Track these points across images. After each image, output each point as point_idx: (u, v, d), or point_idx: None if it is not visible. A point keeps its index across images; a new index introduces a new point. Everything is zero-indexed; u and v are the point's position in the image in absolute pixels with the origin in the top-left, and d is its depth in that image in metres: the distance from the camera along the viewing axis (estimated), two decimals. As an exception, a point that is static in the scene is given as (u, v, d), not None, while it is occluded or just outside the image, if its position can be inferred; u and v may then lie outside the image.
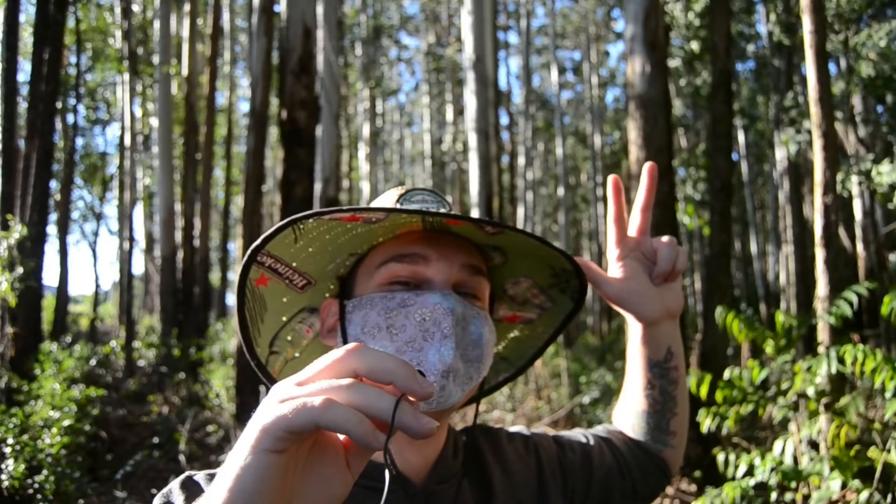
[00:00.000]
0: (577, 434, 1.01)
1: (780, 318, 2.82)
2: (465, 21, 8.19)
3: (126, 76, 11.88)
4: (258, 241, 0.76)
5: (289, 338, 0.89)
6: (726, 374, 2.81)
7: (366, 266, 0.82)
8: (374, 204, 0.83)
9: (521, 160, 18.08)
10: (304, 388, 0.46)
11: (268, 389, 0.55)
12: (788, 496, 2.83)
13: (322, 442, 0.49)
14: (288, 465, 0.45)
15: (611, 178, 0.90)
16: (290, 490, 0.47)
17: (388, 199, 0.84)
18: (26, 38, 10.79)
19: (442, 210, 0.80)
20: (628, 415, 0.99)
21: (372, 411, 0.44)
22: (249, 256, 0.77)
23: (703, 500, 2.49)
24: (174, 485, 0.68)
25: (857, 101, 9.42)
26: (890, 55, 7.11)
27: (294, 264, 0.81)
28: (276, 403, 0.45)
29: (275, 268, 0.80)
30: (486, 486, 0.86)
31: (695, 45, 9.78)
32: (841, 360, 2.30)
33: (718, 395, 2.75)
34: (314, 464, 0.48)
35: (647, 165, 0.90)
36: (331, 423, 0.43)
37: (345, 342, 0.79)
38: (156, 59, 12.07)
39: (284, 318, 0.87)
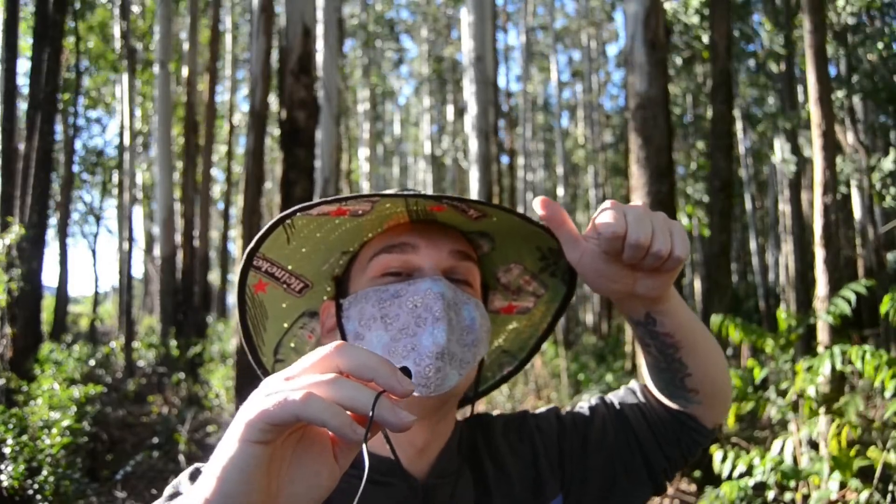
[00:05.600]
0: (584, 408, 0.95)
1: (781, 314, 2.82)
2: (465, 20, 8.20)
3: (125, 76, 11.87)
4: (252, 243, 0.77)
5: (292, 344, 0.90)
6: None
7: (358, 263, 0.84)
8: None
9: (521, 160, 18.08)
10: (289, 382, 0.48)
11: None
12: (788, 496, 2.83)
13: (310, 435, 0.51)
14: (273, 456, 0.47)
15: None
16: (278, 481, 0.49)
17: None
18: (26, 37, 10.78)
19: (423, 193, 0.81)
20: (644, 367, 0.93)
21: (351, 405, 0.46)
22: (246, 260, 0.79)
23: (704, 502, 2.49)
24: (183, 476, 0.70)
25: (856, 102, 9.42)
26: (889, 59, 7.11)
27: (290, 267, 0.83)
28: (263, 397, 0.46)
29: (271, 272, 0.82)
30: (483, 482, 0.86)
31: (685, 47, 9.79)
32: (847, 361, 2.30)
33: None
34: (302, 456, 0.50)
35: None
36: (310, 415, 0.44)
37: (343, 340, 0.80)
38: (155, 59, 12.07)
39: (286, 325, 0.88)
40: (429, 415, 0.80)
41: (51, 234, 11.85)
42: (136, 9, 14.16)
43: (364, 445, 0.46)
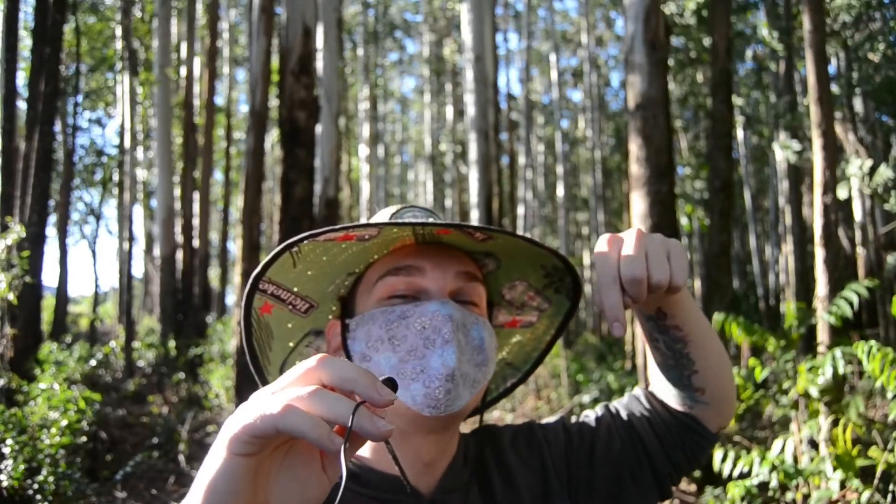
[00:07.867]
0: (591, 418, 0.96)
1: (790, 307, 2.82)
2: (465, 20, 8.20)
3: (126, 77, 11.86)
4: (258, 269, 0.78)
5: (298, 362, 0.90)
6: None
7: (364, 284, 0.84)
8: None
9: (522, 160, 18.08)
10: (274, 396, 0.48)
11: None
12: (789, 495, 2.83)
13: (298, 447, 0.51)
14: (259, 467, 0.48)
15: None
16: (265, 491, 0.50)
17: (381, 217, 0.87)
18: (25, 38, 10.77)
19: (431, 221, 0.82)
20: (652, 367, 0.94)
21: (331, 416, 0.46)
22: (252, 285, 0.79)
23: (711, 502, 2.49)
24: None
25: (857, 102, 9.41)
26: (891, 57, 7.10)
27: (295, 289, 0.83)
28: (247, 410, 0.48)
29: (277, 294, 0.83)
30: (491, 495, 0.86)
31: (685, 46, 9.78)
32: (848, 361, 2.29)
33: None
34: (291, 467, 0.51)
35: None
36: (288, 427, 0.45)
37: (349, 360, 0.81)
38: (155, 60, 12.06)
39: (291, 344, 0.89)
40: (437, 431, 0.81)
41: (51, 234, 11.84)
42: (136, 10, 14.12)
43: (342, 455, 0.46)
